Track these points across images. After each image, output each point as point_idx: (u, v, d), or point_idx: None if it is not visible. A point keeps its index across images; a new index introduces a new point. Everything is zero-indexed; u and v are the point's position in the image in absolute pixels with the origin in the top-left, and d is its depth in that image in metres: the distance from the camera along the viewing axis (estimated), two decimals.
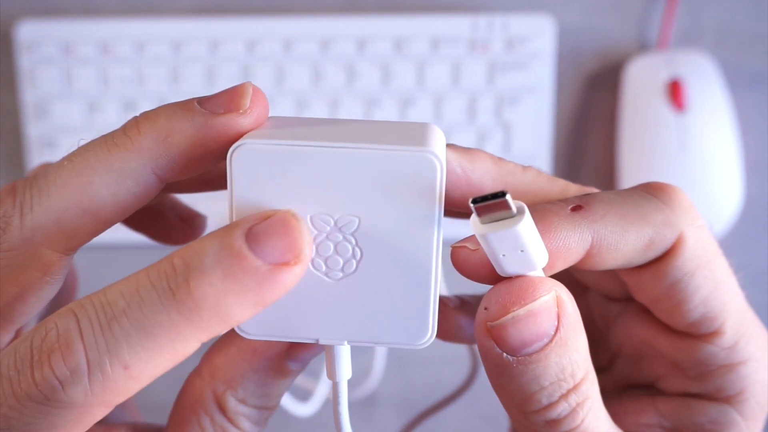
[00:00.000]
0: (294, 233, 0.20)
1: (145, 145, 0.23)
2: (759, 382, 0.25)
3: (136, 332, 0.19)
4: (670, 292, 0.24)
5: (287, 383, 0.25)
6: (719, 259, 0.25)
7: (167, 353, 0.20)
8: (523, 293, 0.22)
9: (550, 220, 0.23)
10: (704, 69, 0.57)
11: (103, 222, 0.23)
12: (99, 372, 0.19)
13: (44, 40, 0.56)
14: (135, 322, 0.19)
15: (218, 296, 0.19)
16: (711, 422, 0.26)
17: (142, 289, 0.20)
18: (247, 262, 0.20)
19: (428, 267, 0.23)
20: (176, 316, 0.19)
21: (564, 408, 0.22)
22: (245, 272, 0.20)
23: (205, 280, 0.19)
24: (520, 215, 0.21)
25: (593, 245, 0.23)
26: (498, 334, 0.22)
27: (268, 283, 0.20)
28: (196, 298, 0.19)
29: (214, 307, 0.19)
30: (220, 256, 0.20)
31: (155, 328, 0.19)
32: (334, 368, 0.24)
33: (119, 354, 0.19)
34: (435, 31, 0.57)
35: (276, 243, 0.20)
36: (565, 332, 0.22)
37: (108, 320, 0.19)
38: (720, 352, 0.25)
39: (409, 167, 0.22)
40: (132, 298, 0.20)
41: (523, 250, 0.21)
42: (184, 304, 0.19)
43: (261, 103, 0.23)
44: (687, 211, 0.24)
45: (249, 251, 0.20)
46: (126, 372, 0.19)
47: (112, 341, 0.19)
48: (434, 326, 0.23)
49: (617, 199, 0.24)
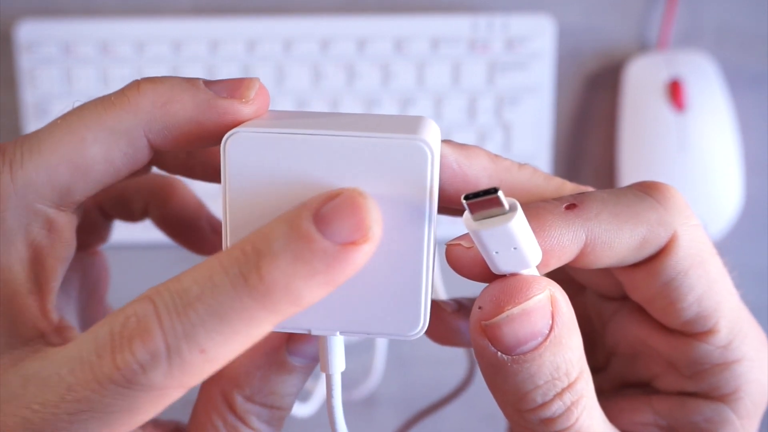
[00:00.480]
0: (361, 212, 0.20)
1: (142, 106, 0.23)
2: (754, 381, 0.25)
3: (210, 318, 0.20)
4: (665, 290, 0.24)
5: (294, 381, 0.25)
6: (713, 258, 0.25)
7: (242, 336, 0.20)
8: (518, 292, 0.22)
9: (544, 218, 0.23)
10: (704, 69, 0.57)
11: (94, 180, 0.24)
12: (177, 356, 0.20)
13: (44, 40, 0.56)
14: (209, 308, 0.20)
15: (288, 279, 0.20)
16: (706, 421, 0.26)
17: (215, 276, 0.20)
18: (315, 243, 0.20)
19: (419, 256, 0.22)
20: (249, 301, 0.20)
21: (559, 407, 0.22)
22: (314, 254, 0.20)
23: (274, 264, 0.20)
24: (513, 212, 0.21)
25: (587, 243, 0.23)
26: (492, 333, 0.22)
27: (338, 264, 0.20)
28: (267, 283, 0.20)
29: (285, 290, 0.20)
30: (288, 240, 0.20)
31: (229, 313, 0.20)
32: (327, 360, 0.24)
33: (196, 338, 0.20)
34: (435, 31, 0.57)
35: (344, 223, 0.20)
36: (560, 331, 0.22)
37: (184, 306, 0.20)
38: (714, 351, 0.25)
39: (399, 155, 0.22)
40: (206, 285, 0.20)
41: (516, 247, 0.21)
42: (256, 289, 0.20)
43: (263, 99, 0.24)
44: (681, 210, 0.24)
45: (317, 232, 0.20)
46: (203, 356, 0.20)
47: (188, 326, 0.20)
48: (426, 317, 0.23)
49: (611, 198, 0.24)
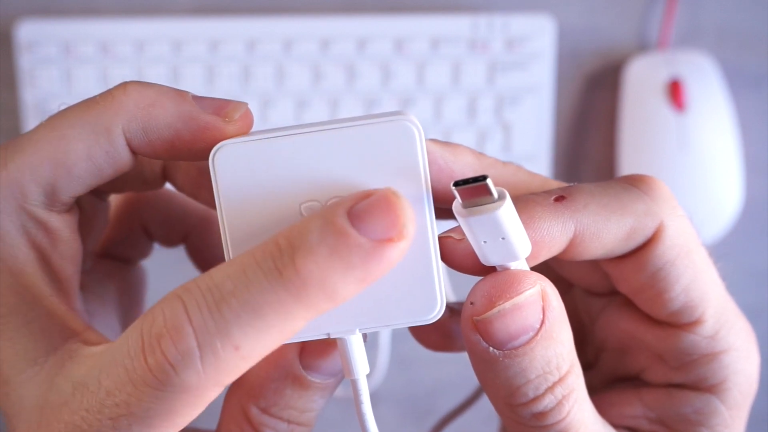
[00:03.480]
0: (395, 210, 0.20)
1: (125, 106, 0.23)
2: (741, 371, 0.26)
3: (245, 312, 0.19)
4: (652, 281, 0.25)
5: (313, 398, 0.25)
6: (699, 248, 0.25)
7: (276, 331, 0.20)
8: (509, 287, 0.22)
9: (533, 210, 0.23)
10: (704, 69, 0.57)
11: (78, 178, 0.24)
12: (211, 353, 0.19)
13: (44, 40, 0.56)
14: (243, 302, 0.20)
15: (324, 273, 0.20)
16: (695, 412, 0.26)
17: (248, 270, 0.20)
18: (350, 239, 0.20)
19: (425, 235, 0.22)
20: (284, 295, 0.20)
21: (550, 400, 0.23)
22: (350, 249, 0.20)
23: (310, 258, 0.20)
24: (501, 200, 0.21)
25: (576, 235, 0.23)
26: (484, 328, 0.22)
27: (373, 260, 0.20)
28: (303, 276, 0.20)
29: (321, 284, 0.20)
30: (324, 234, 0.20)
31: (264, 307, 0.20)
32: (350, 364, 0.23)
33: (229, 334, 0.19)
34: (435, 31, 0.57)
35: (378, 220, 0.20)
36: (551, 325, 0.22)
37: (216, 302, 0.20)
38: (701, 341, 0.25)
39: (387, 138, 0.22)
40: (239, 279, 0.20)
41: (504, 237, 0.21)
42: (291, 282, 0.20)
43: (246, 122, 0.24)
44: (667, 200, 0.24)
45: (352, 228, 0.20)
46: (237, 353, 0.20)
47: (221, 322, 0.19)
48: (443, 297, 0.23)
49: (599, 190, 0.24)
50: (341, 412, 0.61)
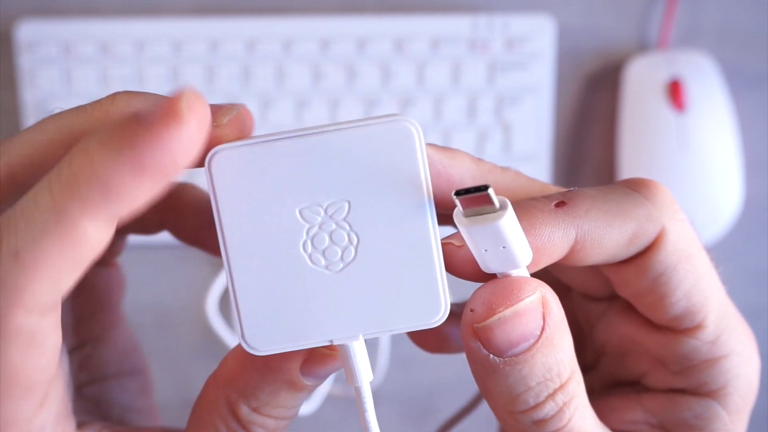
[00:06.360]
0: (171, 99, 0.19)
1: (111, 115, 0.23)
2: (742, 376, 0.25)
3: (15, 218, 0.20)
4: (653, 286, 0.24)
5: (303, 397, 0.25)
6: (701, 253, 0.25)
7: (55, 234, 0.20)
8: (509, 294, 0.22)
9: (534, 217, 0.23)
10: (704, 69, 0.57)
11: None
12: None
13: (44, 40, 0.56)
14: (20, 210, 0.20)
15: (93, 161, 0.19)
16: (695, 417, 0.26)
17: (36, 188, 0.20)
18: (121, 126, 0.19)
19: (427, 238, 0.22)
20: (58, 193, 0.19)
21: (551, 408, 0.22)
22: (118, 133, 0.19)
23: (81, 152, 0.19)
24: (503, 210, 0.21)
25: (577, 241, 0.23)
26: (484, 336, 0.22)
27: (142, 141, 0.19)
28: (74, 169, 0.19)
29: (92, 177, 0.19)
30: (97, 133, 0.20)
31: (33, 210, 0.20)
32: (354, 371, 0.23)
33: (7, 244, 0.20)
34: (435, 31, 0.57)
35: (154, 108, 0.19)
36: (551, 332, 0.22)
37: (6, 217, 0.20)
38: (702, 346, 0.25)
39: (386, 139, 0.22)
40: (26, 198, 0.20)
41: (505, 246, 0.21)
42: (64, 180, 0.19)
43: (237, 125, 0.23)
44: (669, 205, 0.24)
45: (127, 120, 0.19)
46: (17, 261, 0.20)
47: (3, 233, 0.20)
48: (446, 299, 0.23)
49: (600, 195, 0.24)
50: (341, 412, 0.61)
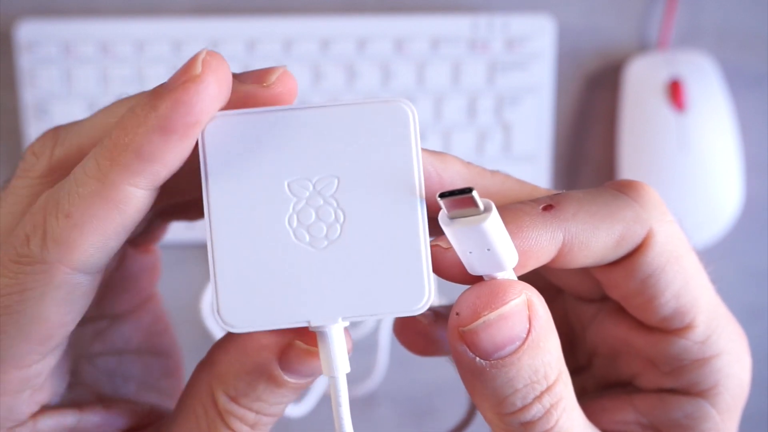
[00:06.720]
0: (193, 61, 0.21)
1: None
2: (732, 376, 0.26)
3: (68, 184, 0.22)
4: (642, 287, 0.25)
5: (285, 394, 0.24)
6: (689, 253, 0.25)
7: (100, 201, 0.22)
8: (494, 297, 0.22)
9: (521, 220, 0.23)
10: (704, 69, 0.57)
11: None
12: (48, 225, 0.22)
13: (44, 40, 0.56)
14: (73, 178, 0.22)
15: (127, 131, 0.21)
16: (686, 417, 0.26)
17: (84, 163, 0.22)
18: (149, 95, 0.21)
19: (415, 222, 0.22)
20: (102, 161, 0.22)
21: (538, 410, 0.23)
22: (147, 101, 0.21)
23: (119, 124, 0.22)
24: (487, 212, 0.21)
25: (565, 243, 0.23)
26: (470, 339, 0.22)
27: (164, 103, 0.21)
28: (114, 139, 0.22)
29: (128, 144, 0.21)
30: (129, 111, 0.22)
31: (86, 177, 0.22)
32: (330, 358, 0.22)
33: (60, 205, 0.22)
34: (435, 31, 0.57)
35: (177, 72, 0.21)
36: (537, 334, 0.22)
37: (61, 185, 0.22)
38: (693, 347, 0.25)
39: (381, 119, 0.22)
40: (78, 167, 0.22)
41: (490, 248, 0.21)
42: (105, 149, 0.22)
43: (285, 83, 0.23)
44: (656, 206, 0.24)
45: (153, 96, 0.21)
46: (69, 220, 0.22)
47: (54, 196, 0.22)
48: (431, 287, 0.22)
49: (587, 198, 0.24)
50: None
